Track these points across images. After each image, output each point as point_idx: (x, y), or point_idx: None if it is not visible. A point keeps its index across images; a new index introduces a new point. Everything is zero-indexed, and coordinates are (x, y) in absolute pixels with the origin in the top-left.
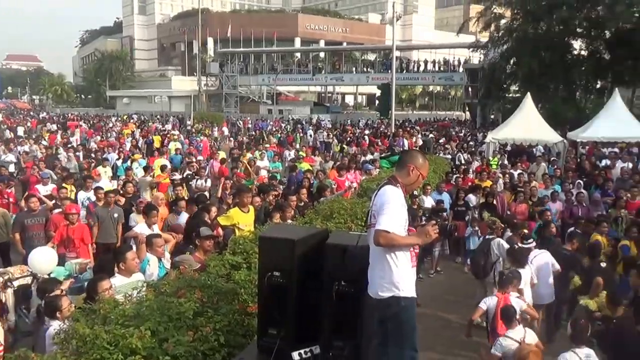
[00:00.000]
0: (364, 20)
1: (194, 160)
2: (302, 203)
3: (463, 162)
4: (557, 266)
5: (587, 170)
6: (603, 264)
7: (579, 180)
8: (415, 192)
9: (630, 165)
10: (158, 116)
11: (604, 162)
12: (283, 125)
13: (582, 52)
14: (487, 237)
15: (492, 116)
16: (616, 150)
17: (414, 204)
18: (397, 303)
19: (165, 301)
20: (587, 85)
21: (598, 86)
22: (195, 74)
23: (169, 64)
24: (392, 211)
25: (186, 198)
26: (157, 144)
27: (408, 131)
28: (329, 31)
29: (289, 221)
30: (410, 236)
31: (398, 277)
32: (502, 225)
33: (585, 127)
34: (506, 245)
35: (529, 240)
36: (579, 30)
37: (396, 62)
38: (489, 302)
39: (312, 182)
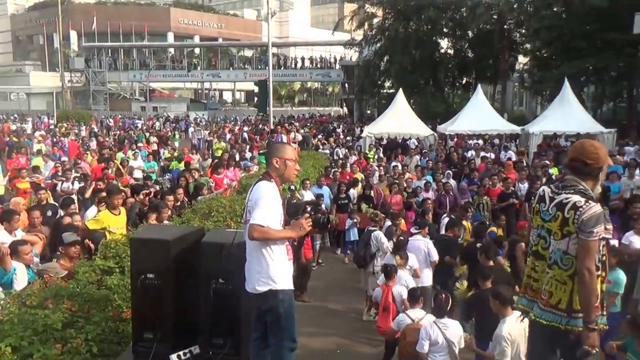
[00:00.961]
0: (239, 16)
1: (57, 162)
2: (179, 203)
3: (341, 156)
4: (434, 252)
5: (455, 162)
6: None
7: (449, 171)
8: (293, 187)
9: (493, 155)
10: (15, 115)
11: (470, 153)
12: (159, 122)
13: (449, 51)
14: (369, 228)
15: (369, 111)
16: (480, 142)
17: (293, 198)
18: (274, 296)
19: (29, 314)
20: (454, 82)
21: (464, 82)
22: (57, 69)
23: (26, 58)
24: (266, 205)
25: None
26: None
27: (286, 127)
28: (204, 26)
29: (166, 222)
30: (285, 230)
31: (274, 271)
32: (384, 217)
33: (452, 121)
34: (384, 239)
35: (417, 229)
36: (445, 30)
37: (273, 59)
38: (376, 294)
39: (189, 181)
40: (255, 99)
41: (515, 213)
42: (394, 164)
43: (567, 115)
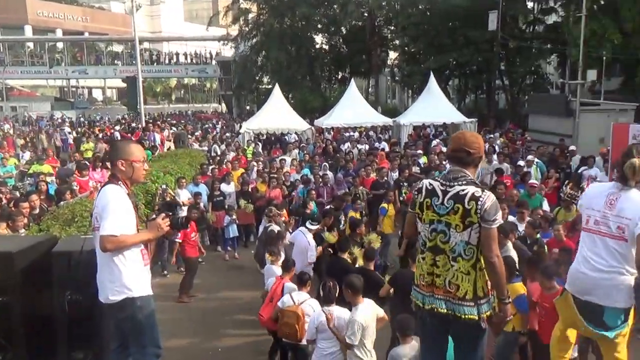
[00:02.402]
0: (106, 9)
1: None
2: (37, 210)
3: (219, 153)
4: (313, 243)
5: (332, 154)
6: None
7: (325, 163)
8: (165, 186)
9: (367, 147)
10: None
11: (345, 146)
12: (16, 124)
13: (324, 46)
14: (266, 225)
15: (248, 107)
16: (356, 134)
17: (167, 196)
18: (131, 304)
19: None
20: (331, 76)
21: (340, 77)
22: None
23: None
24: (114, 213)
25: None
26: None
27: (159, 125)
28: (67, 19)
29: (22, 231)
30: (141, 233)
31: (128, 278)
32: (279, 213)
33: (329, 115)
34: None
35: (314, 223)
36: (319, 26)
37: (146, 54)
38: (269, 284)
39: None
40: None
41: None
42: (280, 157)
43: (433, 106)
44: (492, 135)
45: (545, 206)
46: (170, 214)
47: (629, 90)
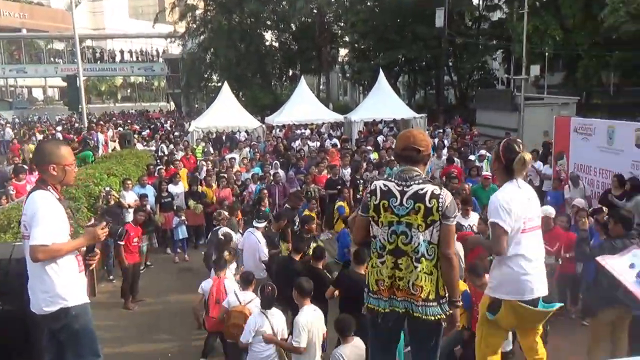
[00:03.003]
0: (45, 4)
1: None
2: None
3: (166, 153)
4: (263, 241)
5: (283, 152)
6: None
7: (276, 162)
8: (109, 188)
9: (319, 144)
10: None
11: (297, 143)
12: None
13: (274, 43)
14: (215, 227)
15: (197, 105)
16: (307, 131)
17: (112, 199)
18: (66, 314)
19: None
20: (281, 74)
21: (291, 74)
22: None
23: None
24: (44, 220)
25: None
26: None
27: (101, 125)
28: (3, 15)
29: None
30: (74, 240)
31: (62, 287)
32: (227, 216)
33: (279, 112)
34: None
35: (261, 221)
36: (268, 23)
37: (89, 52)
38: (205, 286)
39: None
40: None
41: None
42: (229, 156)
43: (383, 103)
44: (441, 130)
45: None
46: (110, 221)
47: (570, 84)
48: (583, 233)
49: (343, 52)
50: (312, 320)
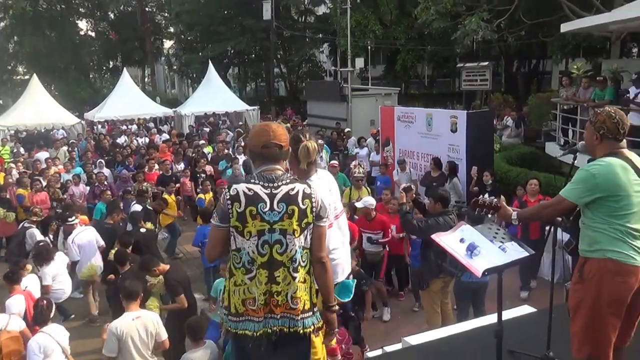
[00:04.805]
0: None
1: None
2: None
3: None
4: (101, 242)
5: (107, 149)
6: (143, 230)
7: (100, 160)
8: None
9: (147, 139)
10: None
11: (122, 139)
12: None
13: (91, 33)
14: (24, 225)
15: (1, 101)
16: (133, 127)
17: None
18: None
19: None
20: (100, 66)
21: (111, 66)
22: None
23: None
24: None
25: None
26: None
27: None
28: None
29: None
30: None
31: None
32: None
33: (100, 107)
34: (38, 237)
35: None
36: (82, 10)
37: None
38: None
39: None
40: None
41: None
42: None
43: (214, 95)
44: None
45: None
46: None
47: (391, 76)
48: (403, 206)
49: (169, 43)
50: (125, 326)
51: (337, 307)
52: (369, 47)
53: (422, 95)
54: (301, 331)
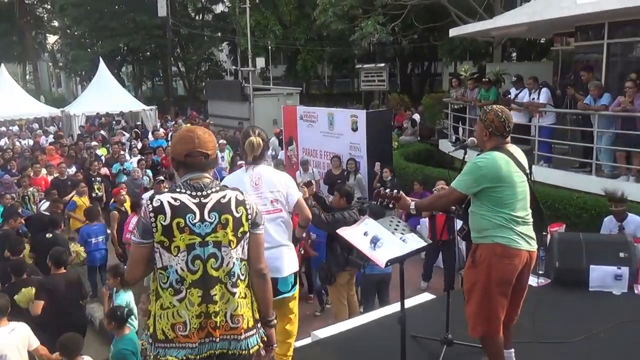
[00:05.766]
0: None
1: None
2: None
3: None
4: None
5: None
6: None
7: None
8: None
9: (32, 141)
10: None
11: (2, 142)
12: None
13: None
14: None
15: None
16: (15, 128)
17: None
18: None
19: None
20: None
21: None
22: None
23: None
24: None
25: None
26: None
27: None
28: None
29: None
30: None
31: None
32: None
33: None
34: None
35: None
36: None
37: None
38: None
39: None
40: None
41: None
42: None
43: (107, 95)
44: (175, 122)
45: None
46: None
47: (292, 76)
48: (307, 201)
49: (53, 38)
50: (4, 342)
51: (275, 322)
52: (270, 47)
53: (323, 95)
54: (246, 352)
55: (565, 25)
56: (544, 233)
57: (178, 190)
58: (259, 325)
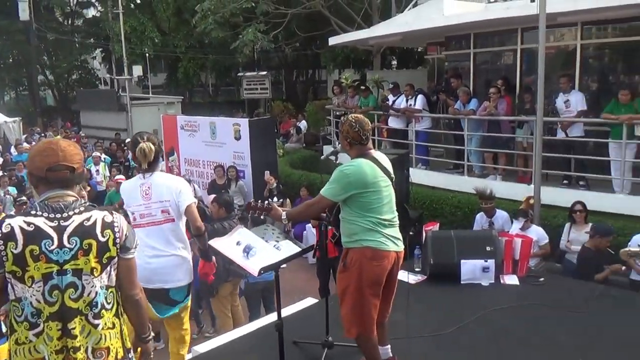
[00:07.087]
0: None
1: None
2: None
3: None
4: None
5: None
6: None
7: None
8: None
9: None
10: None
11: None
12: None
13: None
14: None
15: None
16: None
17: None
18: None
19: None
20: None
21: None
22: None
23: None
24: None
25: None
26: None
27: None
28: None
29: None
30: None
31: None
32: None
33: None
34: None
35: None
36: None
37: None
38: None
39: None
40: None
41: None
42: None
43: None
44: (44, 135)
45: None
46: None
47: (173, 84)
48: None
49: None
50: None
51: (151, 336)
52: (147, 55)
53: (208, 103)
54: None
55: (436, 36)
56: (410, 233)
57: (33, 212)
58: (131, 354)
